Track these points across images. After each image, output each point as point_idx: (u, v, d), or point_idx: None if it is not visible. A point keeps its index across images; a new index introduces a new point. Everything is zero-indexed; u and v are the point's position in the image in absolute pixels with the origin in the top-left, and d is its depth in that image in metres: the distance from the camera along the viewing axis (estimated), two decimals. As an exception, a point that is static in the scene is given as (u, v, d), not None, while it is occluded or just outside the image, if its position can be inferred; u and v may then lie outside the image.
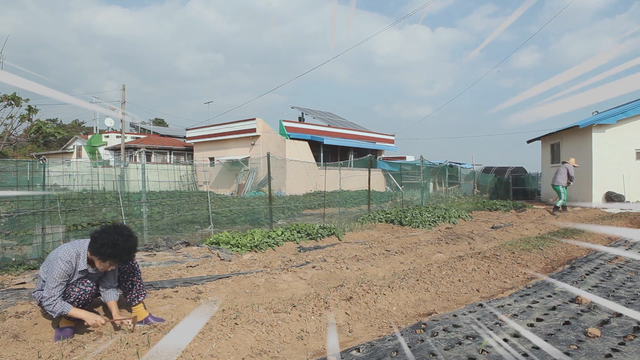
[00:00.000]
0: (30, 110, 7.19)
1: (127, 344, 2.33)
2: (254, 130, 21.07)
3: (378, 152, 27.66)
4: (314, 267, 4.69)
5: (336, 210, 11.18)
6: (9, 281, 4.07)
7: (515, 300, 3.05)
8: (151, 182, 8.40)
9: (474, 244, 6.52)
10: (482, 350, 2.11)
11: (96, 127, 40.49)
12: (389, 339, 2.34)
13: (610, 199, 13.18)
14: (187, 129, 26.71)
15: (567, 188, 11.61)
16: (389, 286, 3.66)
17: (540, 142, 18.29)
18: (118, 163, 20.74)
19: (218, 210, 9.95)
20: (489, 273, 4.35)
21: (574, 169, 11.68)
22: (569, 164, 11.65)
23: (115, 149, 29.66)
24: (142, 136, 34.17)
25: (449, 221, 9.37)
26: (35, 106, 7.23)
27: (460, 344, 2.21)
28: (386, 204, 14.28)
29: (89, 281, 2.91)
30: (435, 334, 2.36)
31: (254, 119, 21.18)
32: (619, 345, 2.14)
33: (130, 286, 3.12)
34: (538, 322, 2.53)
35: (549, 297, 3.07)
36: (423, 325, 2.52)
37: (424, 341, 2.26)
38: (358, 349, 2.22)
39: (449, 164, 21.53)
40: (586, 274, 3.81)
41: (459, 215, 10.04)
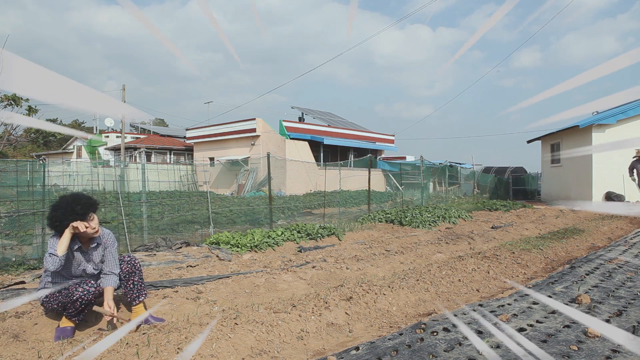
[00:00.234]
0: (30, 110, 7.20)
1: (127, 344, 2.33)
2: (254, 130, 21.07)
3: (378, 152, 27.66)
4: (314, 267, 4.69)
5: (336, 210, 11.18)
6: (9, 281, 4.07)
7: (515, 300, 3.05)
8: (151, 182, 8.40)
9: (474, 244, 6.52)
10: (482, 351, 2.11)
11: (96, 127, 40.51)
12: (389, 339, 2.34)
13: (610, 199, 13.18)
14: (187, 129, 26.71)
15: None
16: (389, 286, 3.66)
17: (540, 142, 18.30)
18: (118, 163, 20.74)
19: (218, 210, 9.95)
20: (489, 273, 4.35)
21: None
22: None
23: (115, 149, 29.66)
24: (142, 136, 34.17)
25: (449, 221, 9.37)
26: (36, 106, 7.24)
27: (460, 344, 2.21)
28: (386, 204, 14.28)
29: (92, 282, 2.92)
30: (435, 334, 2.36)
31: (254, 119, 21.18)
32: (618, 345, 2.14)
33: (131, 286, 3.12)
34: (538, 323, 2.53)
35: (549, 298, 3.07)
36: (423, 325, 2.52)
37: (424, 341, 2.26)
38: (358, 349, 2.22)
39: (449, 164, 21.54)
40: (586, 274, 3.81)
41: (459, 215, 10.04)
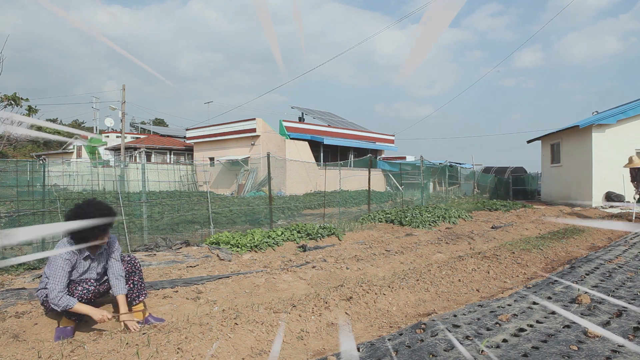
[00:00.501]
0: (30, 110, 7.20)
1: (127, 344, 2.33)
2: (254, 130, 21.07)
3: (378, 152, 27.66)
4: (314, 267, 4.69)
5: (336, 210, 11.18)
6: (9, 281, 4.07)
7: (515, 300, 3.05)
8: (151, 182, 8.40)
9: (474, 244, 6.52)
10: (482, 351, 2.11)
11: (96, 127, 40.51)
12: (389, 339, 2.34)
13: (610, 199, 13.18)
14: (187, 129, 26.71)
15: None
16: (389, 286, 3.66)
17: (540, 142, 18.30)
18: (118, 163, 20.74)
19: (218, 210, 9.95)
20: (489, 273, 4.35)
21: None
22: None
23: (115, 149, 29.66)
24: (142, 136, 34.17)
25: (449, 221, 9.37)
26: (36, 106, 7.24)
27: (460, 343, 2.21)
28: (386, 204, 14.28)
29: (92, 280, 2.92)
30: (435, 334, 2.36)
31: (254, 119, 21.18)
32: (619, 346, 2.14)
33: (131, 286, 3.12)
34: (538, 323, 2.53)
35: (549, 299, 3.07)
36: (423, 325, 2.52)
37: (424, 341, 2.26)
38: (358, 349, 2.22)
39: (449, 164, 21.54)
40: (586, 274, 3.81)
41: (459, 215, 10.04)
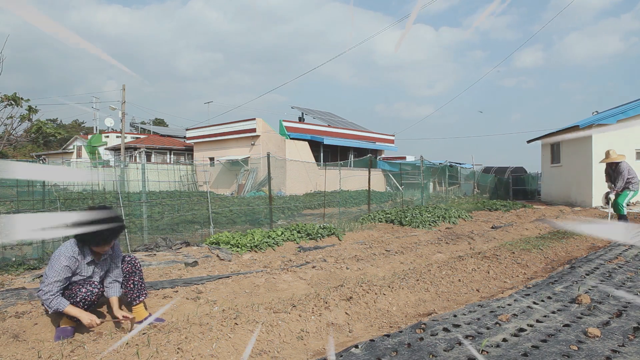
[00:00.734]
0: (30, 110, 7.20)
1: (127, 344, 2.33)
2: (254, 130, 21.07)
3: (378, 152, 27.67)
4: (314, 267, 4.69)
5: (336, 210, 11.18)
6: (9, 281, 4.07)
7: (515, 300, 3.05)
8: (151, 182, 8.40)
9: (474, 244, 6.52)
10: (482, 351, 2.11)
11: (96, 127, 40.51)
12: (389, 339, 2.34)
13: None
14: (187, 129, 26.73)
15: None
16: (389, 286, 3.66)
17: (540, 142, 18.30)
18: (118, 163, 20.73)
19: (218, 210, 9.95)
20: (489, 273, 4.35)
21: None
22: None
23: (115, 149, 29.66)
24: (142, 136, 34.18)
25: (449, 221, 9.37)
26: (36, 106, 7.24)
27: (460, 344, 2.21)
28: (386, 204, 14.28)
29: (96, 282, 2.92)
30: (435, 334, 2.36)
31: (254, 119, 21.19)
32: (619, 346, 2.14)
33: (131, 286, 3.12)
34: (538, 323, 2.53)
35: (549, 298, 3.07)
36: (423, 325, 2.52)
37: (424, 340, 2.26)
38: (357, 347, 2.22)
39: (449, 164, 21.54)
40: (586, 274, 3.81)
41: (459, 215, 10.04)
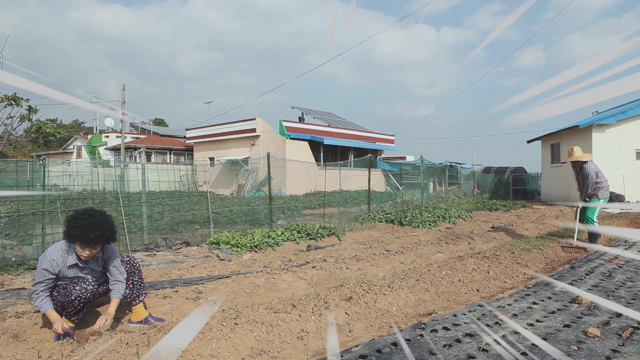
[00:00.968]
0: (30, 110, 7.20)
1: (127, 344, 2.33)
2: (254, 130, 21.06)
3: (378, 152, 27.66)
4: (314, 267, 4.69)
5: (336, 210, 11.18)
6: (9, 281, 4.07)
7: (515, 300, 3.05)
8: (151, 182, 8.40)
9: (474, 244, 6.52)
10: (482, 349, 2.11)
11: (96, 127, 40.50)
12: (389, 339, 2.34)
13: (610, 199, 13.17)
14: (187, 129, 26.71)
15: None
16: (389, 286, 3.66)
17: (540, 142, 18.30)
18: (118, 163, 20.73)
19: (218, 210, 9.95)
20: (489, 273, 4.35)
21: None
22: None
23: (115, 149, 29.66)
24: (142, 136, 34.17)
25: (449, 221, 9.37)
26: (36, 106, 7.25)
27: (459, 342, 2.21)
28: (386, 204, 14.28)
29: (90, 279, 2.90)
30: (435, 334, 2.36)
31: (254, 119, 21.18)
32: (618, 346, 2.14)
33: (130, 286, 3.12)
34: (538, 323, 2.53)
35: (549, 299, 3.07)
36: (423, 325, 2.52)
37: (424, 340, 2.26)
38: (357, 346, 2.22)
39: (449, 164, 21.54)
40: (586, 273, 3.81)
41: (459, 215, 10.04)
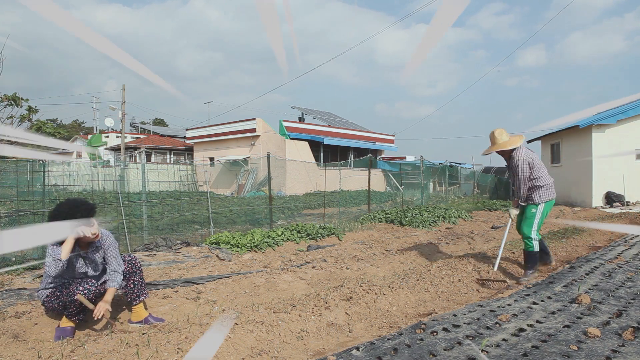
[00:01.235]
0: (30, 110, 7.20)
1: (127, 344, 2.33)
2: (254, 130, 21.06)
3: (378, 152, 27.66)
4: (314, 267, 4.69)
5: (336, 210, 11.18)
6: (9, 281, 4.07)
7: (515, 300, 3.05)
8: (151, 182, 8.40)
9: (474, 244, 6.52)
10: (482, 350, 2.11)
11: (96, 127, 40.51)
12: (389, 339, 2.34)
13: (611, 199, 13.17)
14: (187, 129, 26.72)
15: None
16: (389, 286, 3.66)
17: (540, 142, 18.30)
18: (118, 163, 20.73)
19: (218, 210, 9.95)
20: (489, 273, 4.35)
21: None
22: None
23: (115, 149, 29.66)
24: (142, 136, 34.16)
25: (449, 221, 9.37)
26: (36, 106, 7.24)
27: (460, 343, 2.21)
28: (386, 204, 14.27)
29: (93, 280, 2.92)
30: (435, 334, 2.36)
31: (254, 119, 21.18)
32: (618, 346, 2.14)
33: (131, 286, 3.12)
34: (538, 323, 2.53)
35: (549, 299, 3.07)
36: (423, 325, 2.52)
37: (424, 341, 2.26)
38: (358, 349, 2.22)
39: (449, 164, 21.54)
40: (586, 273, 3.81)
41: (459, 215, 10.04)
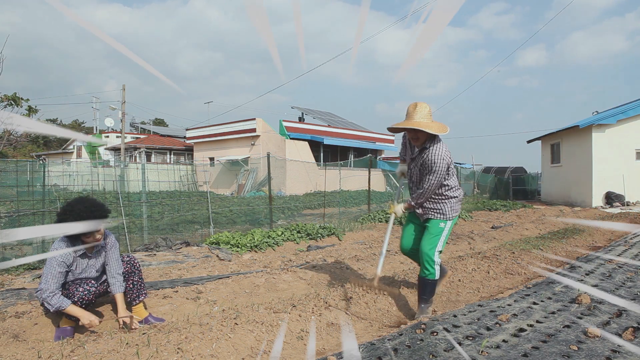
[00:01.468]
0: (30, 110, 7.19)
1: (127, 344, 2.33)
2: (254, 130, 21.07)
3: (378, 152, 27.67)
4: (314, 267, 4.68)
5: (336, 210, 11.18)
6: (9, 281, 4.07)
7: (515, 300, 3.05)
8: (151, 182, 8.40)
9: (474, 244, 6.52)
10: (482, 351, 2.11)
11: (96, 127, 40.50)
12: (389, 339, 2.34)
13: (611, 199, 13.18)
14: (187, 129, 26.74)
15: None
16: (389, 286, 3.66)
17: (540, 142, 18.31)
18: (118, 163, 20.73)
19: (218, 210, 9.95)
20: (488, 273, 4.35)
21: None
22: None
23: (115, 149, 29.66)
24: (142, 136, 34.17)
25: (449, 221, 9.36)
26: (36, 106, 7.22)
27: (460, 344, 2.21)
28: (386, 204, 14.27)
29: (93, 281, 2.92)
30: (435, 334, 2.36)
31: (254, 119, 21.19)
32: (618, 346, 2.14)
33: (130, 286, 3.12)
34: (538, 323, 2.53)
35: (549, 299, 3.07)
36: (423, 326, 2.52)
37: (424, 341, 2.26)
38: (358, 349, 2.22)
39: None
40: (586, 273, 3.81)
41: (459, 215, 10.04)
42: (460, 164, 25.79)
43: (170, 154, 29.40)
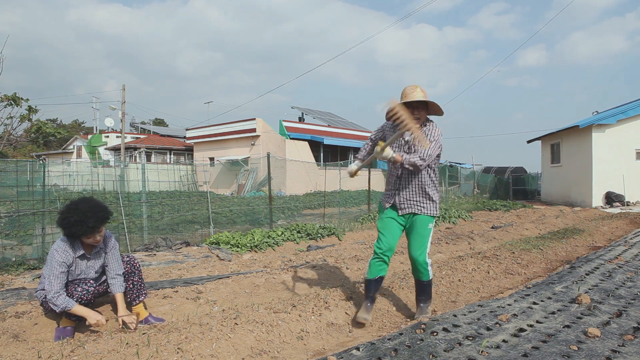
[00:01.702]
0: (30, 110, 7.20)
1: (127, 344, 2.33)
2: (254, 130, 21.07)
3: (378, 152, 27.63)
4: (314, 267, 4.68)
5: (336, 210, 11.18)
6: (9, 281, 4.07)
7: (515, 300, 3.05)
8: (151, 182, 8.40)
9: (474, 244, 6.52)
10: (482, 351, 2.11)
11: (96, 127, 40.49)
12: (389, 339, 2.34)
13: (611, 199, 13.18)
14: (187, 129, 26.75)
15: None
16: (389, 286, 3.67)
17: (540, 142, 18.31)
18: (118, 163, 20.72)
19: (218, 210, 9.95)
20: (488, 273, 4.35)
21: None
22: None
23: (115, 149, 29.66)
24: (142, 136, 34.18)
25: (449, 221, 9.37)
26: (36, 106, 7.23)
27: (460, 344, 2.21)
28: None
29: (91, 281, 2.91)
30: (435, 334, 2.36)
31: (254, 119, 21.20)
32: (618, 346, 2.14)
33: (130, 286, 3.11)
34: (538, 323, 2.53)
35: (549, 299, 3.07)
36: (423, 326, 2.52)
37: (424, 341, 2.26)
38: (358, 349, 2.22)
39: (449, 164, 21.54)
40: (586, 273, 3.81)
41: (459, 215, 10.04)
42: (460, 164, 25.79)
43: (170, 154, 29.40)
